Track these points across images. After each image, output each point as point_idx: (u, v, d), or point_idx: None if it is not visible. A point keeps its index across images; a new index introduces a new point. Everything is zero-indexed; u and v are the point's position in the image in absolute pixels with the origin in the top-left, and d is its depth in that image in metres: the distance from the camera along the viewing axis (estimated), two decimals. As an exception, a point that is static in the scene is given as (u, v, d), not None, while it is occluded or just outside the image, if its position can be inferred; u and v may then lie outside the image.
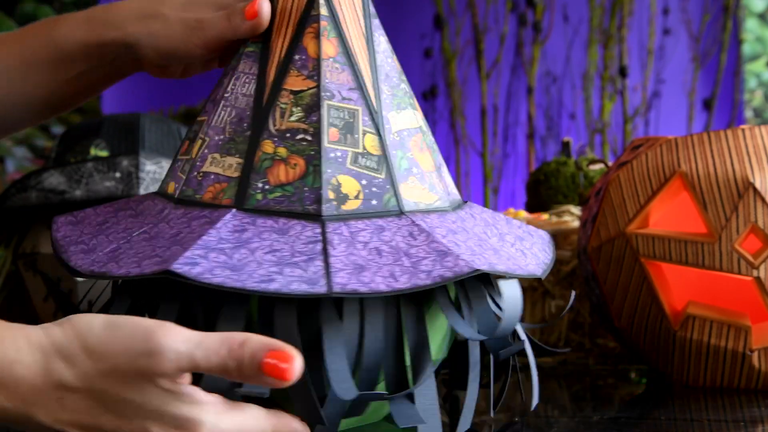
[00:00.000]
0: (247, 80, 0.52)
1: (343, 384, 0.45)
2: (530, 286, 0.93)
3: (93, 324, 0.42)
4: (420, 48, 2.34)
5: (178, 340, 0.41)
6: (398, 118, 0.52)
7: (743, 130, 0.70)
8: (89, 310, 0.87)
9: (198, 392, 0.42)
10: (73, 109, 0.67)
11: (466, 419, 0.50)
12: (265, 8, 0.53)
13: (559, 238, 0.93)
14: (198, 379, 0.44)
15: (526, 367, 0.56)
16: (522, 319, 0.54)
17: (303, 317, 0.47)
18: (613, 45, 2.14)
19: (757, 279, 0.67)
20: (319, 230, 0.47)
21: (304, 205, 0.48)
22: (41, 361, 0.41)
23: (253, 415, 0.44)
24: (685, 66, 2.25)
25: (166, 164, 0.89)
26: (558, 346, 0.92)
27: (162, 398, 0.41)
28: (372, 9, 0.54)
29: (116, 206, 0.54)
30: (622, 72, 2.13)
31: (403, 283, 0.45)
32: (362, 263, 0.46)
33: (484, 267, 0.46)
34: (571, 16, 2.25)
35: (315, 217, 0.48)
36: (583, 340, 0.92)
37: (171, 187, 0.53)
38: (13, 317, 0.47)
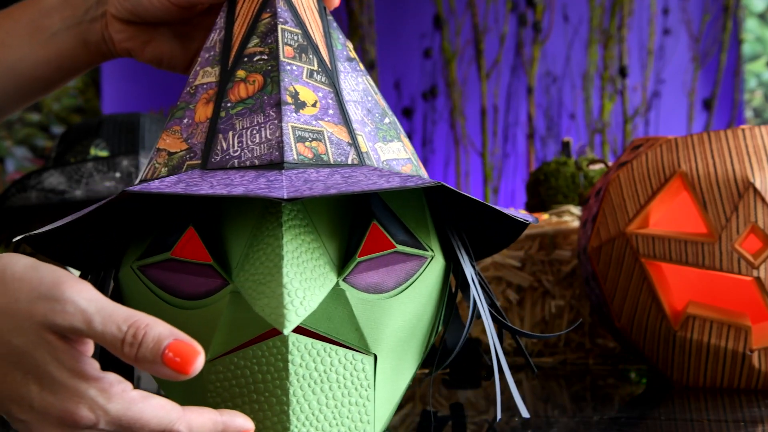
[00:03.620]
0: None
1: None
2: (530, 286, 0.93)
3: (18, 262, 0.40)
4: (420, 48, 2.33)
5: (83, 297, 0.38)
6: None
7: (743, 130, 0.70)
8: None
9: (89, 364, 0.39)
10: (61, 87, 0.70)
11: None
12: None
13: (559, 238, 0.93)
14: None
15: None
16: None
17: None
18: (613, 45, 2.14)
19: (757, 279, 0.67)
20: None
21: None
22: None
23: (160, 404, 0.39)
24: (685, 66, 2.25)
25: (166, 164, 0.89)
26: (559, 347, 0.92)
27: (47, 355, 0.38)
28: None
29: None
30: (622, 72, 2.13)
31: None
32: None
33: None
34: (571, 16, 2.25)
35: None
36: (583, 340, 0.92)
37: None
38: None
